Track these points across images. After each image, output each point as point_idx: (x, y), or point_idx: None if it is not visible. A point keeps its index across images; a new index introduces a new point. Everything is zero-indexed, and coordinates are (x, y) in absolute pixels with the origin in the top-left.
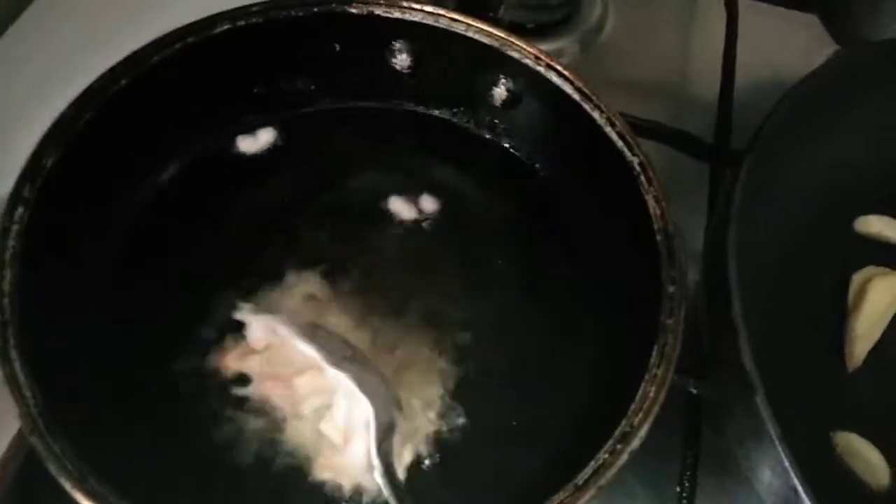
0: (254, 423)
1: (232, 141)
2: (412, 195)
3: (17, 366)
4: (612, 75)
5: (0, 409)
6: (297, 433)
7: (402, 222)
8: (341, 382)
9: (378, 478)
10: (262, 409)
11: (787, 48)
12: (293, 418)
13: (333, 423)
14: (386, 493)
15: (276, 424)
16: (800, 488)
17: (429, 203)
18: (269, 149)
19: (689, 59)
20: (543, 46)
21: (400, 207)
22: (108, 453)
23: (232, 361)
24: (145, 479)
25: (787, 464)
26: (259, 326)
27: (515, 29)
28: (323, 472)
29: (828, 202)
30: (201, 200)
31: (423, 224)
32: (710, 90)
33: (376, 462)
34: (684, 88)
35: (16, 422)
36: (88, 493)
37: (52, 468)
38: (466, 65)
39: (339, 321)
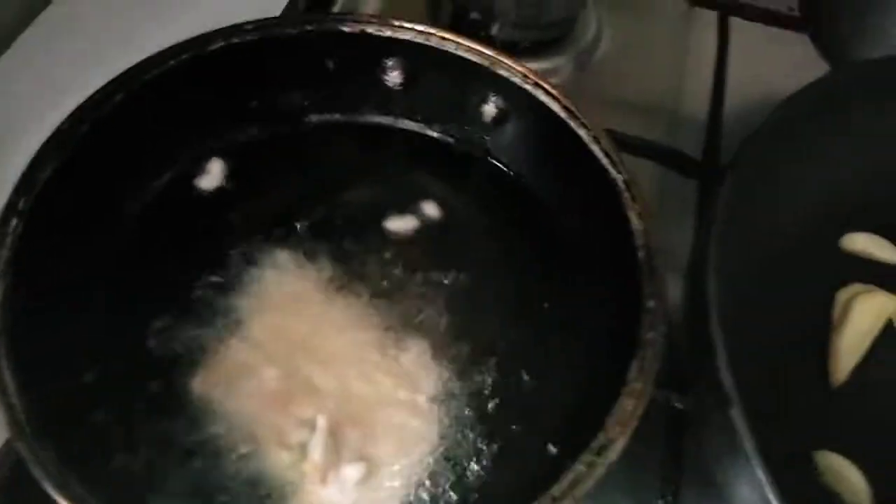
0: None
1: (225, 154)
2: (402, 209)
3: (7, 374)
4: (606, 93)
5: None
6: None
7: (391, 235)
8: None
9: None
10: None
11: (779, 67)
12: (278, 446)
13: (312, 462)
14: None
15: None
16: None
17: (418, 216)
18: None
19: (683, 78)
20: (538, 65)
21: (390, 220)
22: (93, 460)
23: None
24: (127, 484)
25: (762, 479)
26: None
27: (509, 48)
28: None
29: (814, 219)
30: (192, 210)
31: (412, 237)
32: (703, 108)
33: None
34: (678, 106)
35: (2, 430)
36: (72, 499)
37: (37, 474)
38: (457, 82)
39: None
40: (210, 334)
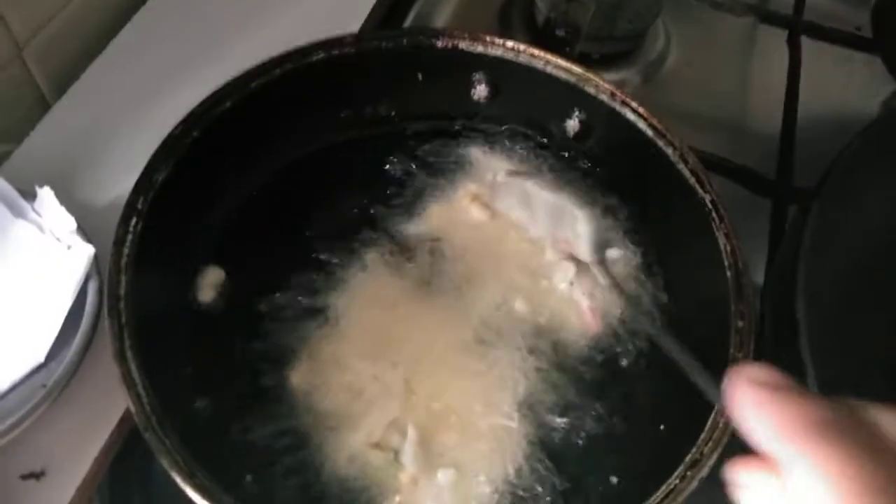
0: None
1: (316, 160)
2: None
3: (133, 366)
4: (672, 107)
5: (101, 405)
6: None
7: None
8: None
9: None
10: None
11: (848, 87)
12: (372, 447)
13: (406, 471)
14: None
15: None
16: None
17: None
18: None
19: (749, 94)
20: (607, 76)
21: None
22: (210, 450)
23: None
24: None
25: None
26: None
27: (582, 59)
28: None
29: (892, 246)
30: (295, 200)
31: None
32: (769, 125)
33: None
34: (743, 123)
35: (114, 417)
36: (198, 488)
37: (165, 462)
38: (542, 97)
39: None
40: (307, 331)
